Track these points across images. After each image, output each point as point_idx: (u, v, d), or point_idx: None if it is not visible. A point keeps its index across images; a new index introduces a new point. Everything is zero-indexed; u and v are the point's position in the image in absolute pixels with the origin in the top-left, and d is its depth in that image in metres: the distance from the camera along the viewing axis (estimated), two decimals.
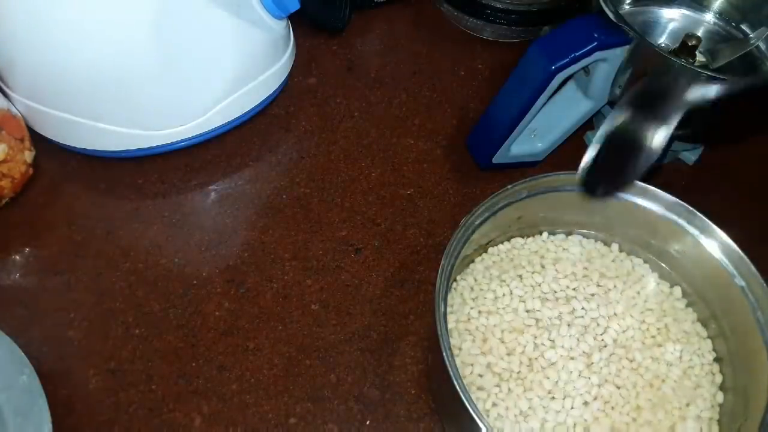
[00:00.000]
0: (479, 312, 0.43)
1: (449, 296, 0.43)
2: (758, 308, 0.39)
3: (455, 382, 0.34)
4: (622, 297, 0.44)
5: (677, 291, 0.44)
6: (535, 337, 0.42)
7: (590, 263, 0.45)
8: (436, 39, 0.64)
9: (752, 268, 0.39)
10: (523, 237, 0.46)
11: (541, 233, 0.47)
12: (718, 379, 0.41)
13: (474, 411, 0.33)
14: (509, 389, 0.40)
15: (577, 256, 0.45)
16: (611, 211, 0.44)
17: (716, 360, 0.42)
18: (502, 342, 0.41)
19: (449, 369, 0.34)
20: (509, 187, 0.41)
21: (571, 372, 0.40)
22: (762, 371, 0.38)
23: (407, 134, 0.56)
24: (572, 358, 0.41)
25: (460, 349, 0.41)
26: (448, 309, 0.42)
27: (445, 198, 0.52)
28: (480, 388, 0.40)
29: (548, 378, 0.40)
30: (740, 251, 0.40)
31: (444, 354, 0.34)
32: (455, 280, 0.44)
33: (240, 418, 0.42)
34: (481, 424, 0.33)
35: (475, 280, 0.44)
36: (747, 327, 0.39)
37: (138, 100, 0.47)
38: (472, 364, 0.40)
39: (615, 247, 0.46)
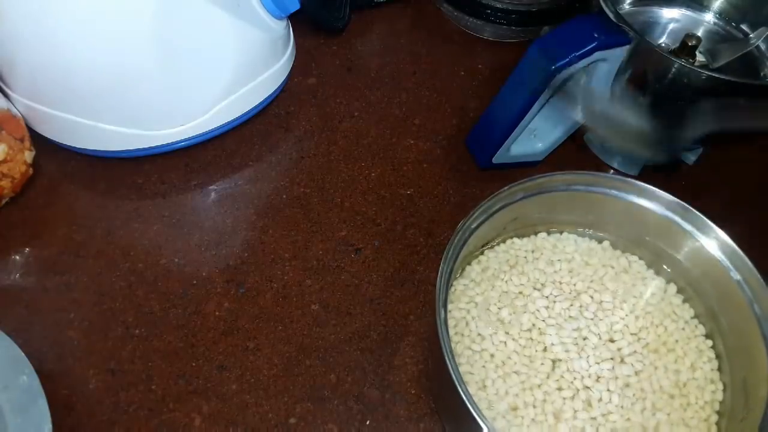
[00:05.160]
0: (476, 313, 0.43)
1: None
2: (755, 301, 0.39)
3: (457, 384, 0.33)
4: (619, 295, 0.44)
5: (674, 288, 0.44)
6: (532, 337, 0.42)
7: (586, 262, 0.45)
8: (436, 39, 0.64)
9: (747, 261, 0.39)
10: (519, 238, 0.46)
11: (536, 233, 0.47)
12: (717, 374, 0.41)
13: (475, 411, 0.33)
14: (507, 389, 0.40)
15: (572, 255, 0.46)
16: (607, 210, 0.44)
17: (715, 356, 0.42)
18: (500, 342, 0.41)
19: (451, 372, 0.34)
20: (504, 189, 0.41)
21: (569, 371, 0.40)
22: (761, 365, 0.38)
23: (407, 134, 0.56)
24: (569, 358, 0.41)
25: (459, 354, 0.41)
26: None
27: (445, 198, 0.52)
28: (480, 389, 0.40)
29: (547, 377, 0.40)
30: (734, 245, 0.40)
31: (446, 357, 0.34)
32: (452, 283, 0.44)
33: (240, 418, 0.42)
34: (482, 424, 0.33)
35: (473, 281, 0.44)
36: (744, 321, 0.39)
37: (138, 100, 0.47)
38: (470, 365, 0.41)
39: (611, 245, 0.46)
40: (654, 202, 0.43)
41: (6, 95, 0.49)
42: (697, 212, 0.41)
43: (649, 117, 0.48)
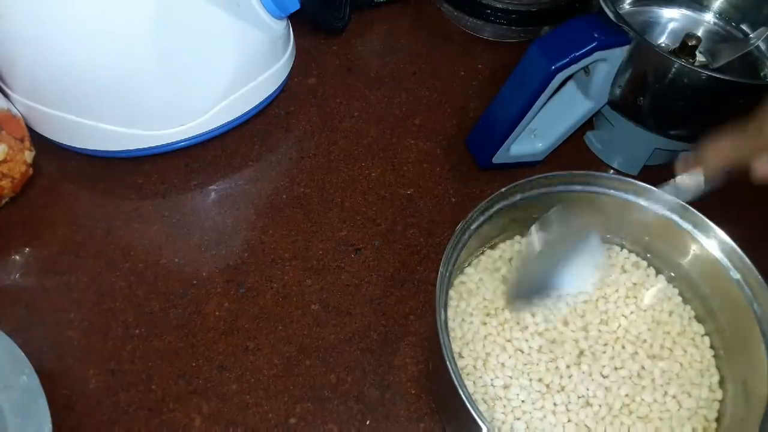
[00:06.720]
0: (476, 312, 0.43)
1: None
2: (755, 301, 0.39)
3: (457, 385, 0.33)
4: (619, 295, 0.44)
5: (674, 288, 0.44)
6: (532, 336, 0.42)
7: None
8: (436, 39, 0.64)
9: (747, 261, 0.39)
10: (520, 237, 0.46)
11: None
12: (717, 374, 0.42)
13: (475, 411, 0.33)
14: (508, 389, 0.40)
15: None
16: (607, 209, 0.44)
17: (715, 356, 0.42)
18: (499, 341, 0.41)
19: (451, 373, 0.34)
20: (503, 190, 0.41)
21: (569, 370, 0.40)
22: (761, 364, 0.38)
23: (407, 134, 0.56)
24: (569, 357, 0.41)
25: (460, 354, 0.41)
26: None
27: (445, 198, 0.52)
28: (481, 390, 0.40)
29: (547, 376, 0.40)
30: (734, 245, 0.40)
31: (446, 359, 0.34)
32: (453, 283, 0.44)
33: (240, 418, 0.42)
34: (482, 424, 0.33)
35: (473, 281, 0.44)
36: (744, 321, 0.40)
37: (138, 100, 0.47)
38: (471, 365, 0.41)
39: (611, 245, 0.46)
40: (654, 202, 0.43)
41: (6, 95, 0.49)
42: (697, 212, 0.41)
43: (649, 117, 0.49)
